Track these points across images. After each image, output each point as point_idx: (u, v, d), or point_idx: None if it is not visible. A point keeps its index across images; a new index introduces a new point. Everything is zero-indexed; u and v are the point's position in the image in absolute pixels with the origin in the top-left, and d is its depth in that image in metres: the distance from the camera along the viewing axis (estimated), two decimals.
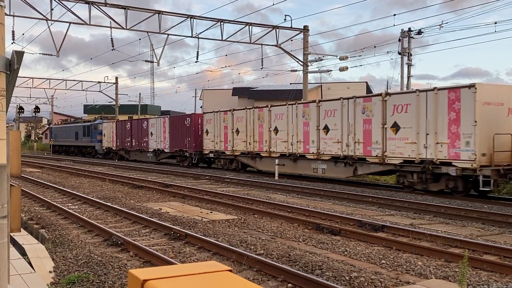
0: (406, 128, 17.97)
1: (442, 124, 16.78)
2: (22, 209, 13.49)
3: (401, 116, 18.19)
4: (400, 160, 18.27)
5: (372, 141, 19.39)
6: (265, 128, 25.37)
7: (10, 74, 3.86)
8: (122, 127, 42.17)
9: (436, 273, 7.30)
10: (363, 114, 19.83)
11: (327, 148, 21.62)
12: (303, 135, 22.95)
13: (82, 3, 24.31)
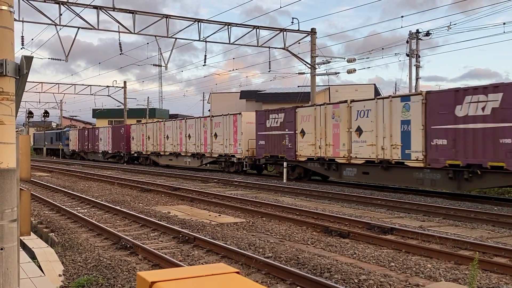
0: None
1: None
2: (32, 213, 13.58)
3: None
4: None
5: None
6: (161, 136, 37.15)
7: (19, 79, 3.90)
8: (82, 134, 53.29)
9: (445, 276, 7.26)
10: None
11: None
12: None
13: (90, 8, 24.47)
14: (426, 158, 17.33)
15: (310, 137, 22.71)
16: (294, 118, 23.58)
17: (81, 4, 24.29)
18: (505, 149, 14.69)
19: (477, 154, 15.50)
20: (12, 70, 3.73)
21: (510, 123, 14.58)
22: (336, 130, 21.32)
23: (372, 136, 19.57)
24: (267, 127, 25.37)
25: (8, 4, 3.71)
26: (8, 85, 3.74)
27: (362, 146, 20.02)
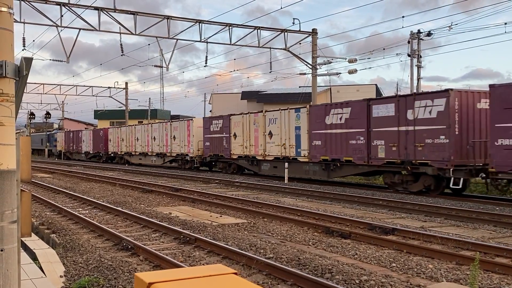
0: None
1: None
2: (33, 214, 13.59)
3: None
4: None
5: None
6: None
7: (19, 80, 3.90)
8: (67, 136, 58.05)
9: (447, 276, 7.25)
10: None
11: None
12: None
13: (91, 9, 24.51)
14: (309, 154, 23.02)
15: (240, 139, 27.94)
16: (229, 124, 28.79)
17: (82, 5, 24.33)
18: (352, 148, 20.61)
19: (337, 152, 21.38)
20: (11, 72, 3.74)
21: (355, 129, 20.51)
22: (256, 133, 26.65)
23: (278, 139, 25.06)
24: (211, 131, 30.68)
25: (7, 6, 3.72)
26: (7, 86, 3.75)
27: (272, 146, 25.51)
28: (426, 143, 17.44)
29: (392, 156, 18.68)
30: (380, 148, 19.27)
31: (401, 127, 18.38)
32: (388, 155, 18.87)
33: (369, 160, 19.72)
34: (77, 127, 70.61)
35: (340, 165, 21.20)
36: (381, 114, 19.28)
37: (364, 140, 19.94)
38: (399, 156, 18.41)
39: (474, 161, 16.73)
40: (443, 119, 16.82)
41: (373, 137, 19.59)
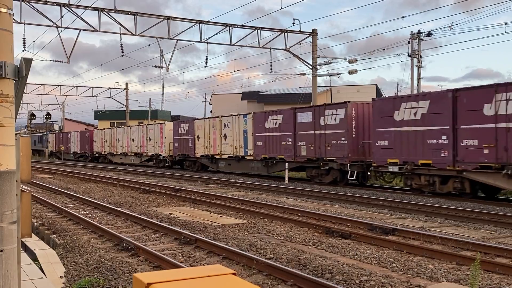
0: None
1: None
2: (34, 214, 13.59)
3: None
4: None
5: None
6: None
7: (18, 81, 3.90)
8: (58, 137, 62.52)
9: (447, 276, 7.24)
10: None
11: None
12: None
13: (92, 10, 24.52)
14: (254, 153, 27.06)
15: (202, 141, 31.96)
16: (193, 127, 32.86)
17: (82, 6, 24.34)
18: (284, 148, 24.82)
19: (274, 151, 25.58)
20: (11, 72, 3.74)
21: (286, 133, 24.69)
22: (214, 136, 30.63)
23: (231, 140, 29.03)
24: (179, 134, 34.80)
25: (7, 7, 3.72)
26: (7, 87, 3.75)
27: (227, 146, 29.46)
28: (333, 143, 21.90)
29: (311, 154, 23.19)
30: (302, 148, 23.79)
31: (316, 131, 22.85)
32: (308, 153, 23.37)
33: (295, 157, 24.01)
34: (78, 128, 70.67)
35: (276, 162, 25.56)
36: (303, 120, 23.69)
37: (292, 141, 24.30)
38: (315, 154, 22.91)
39: (365, 157, 21.04)
40: (343, 124, 21.33)
41: (298, 139, 24.00)
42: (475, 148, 15.89)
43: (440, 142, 16.99)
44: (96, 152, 50.11)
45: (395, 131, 18.64)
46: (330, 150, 21.88)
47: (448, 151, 16.71)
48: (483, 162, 15.60)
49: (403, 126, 18.32)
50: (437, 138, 17.14)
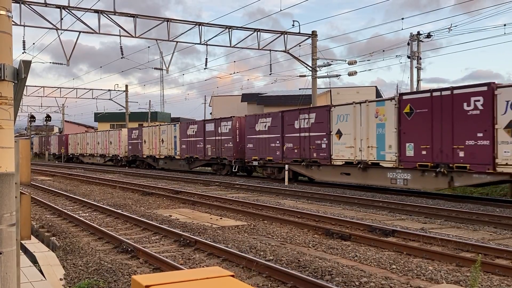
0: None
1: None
2: (34, 217, 13.59)
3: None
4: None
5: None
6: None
7: (17, 83, 3.91)
8: (40, 140, 69.91)
9: (447, 278, 7.24)
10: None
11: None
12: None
13: (91, 12, 24.54)
14: (180, 154, 34.27)
15: (147, 144, 38.70)
16: (142, 133, 39.71)
17: (82, 8, 24.36)
18: (198, 149, 31.85)
19: (193, 152, 32.50)
20: (10, 75, 3.74)
21: (199, 138, 31.84)
22: (155, 140, 37.50)
23: (167, 143, 36.05)
24: (131, 138, 41.91)
25: (6, 9, 3.72)
26: (6, 89, 3.75)
27: (164, 148, 36.57)
28: (226, 146, 29.15)
29: (213, 154, 30.40)
30: (209, 149, 30.96)
31: (216, 137, 30.07)
32: (212, 154, 30.66)
33: (205, 156, 31.42)
34: (78, 130, 70.79)
35: (194, 160, 32.83)
36: (209, 129, 30.91)
37: (202, 145, 31.64)
38: (216, 154, 30.10)
39: (244, 156, 27.92)
40: (230, 133, 28.81)
41: (206, 143, 31.52)
42: (291, 149, 24.03)
43: (276, 145, 25.03)
44: (70, 153, 57.33)
45: (256, 138, 26.56)
46: (224, 151, 29.31)
47: (279, 151, 24.79)
48: (295, 158, 23.77)
49: (260, 135, 26.22)
50: (274, 142, 25.17)
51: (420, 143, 17.41)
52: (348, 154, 20.64)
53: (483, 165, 15.27)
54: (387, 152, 18.82)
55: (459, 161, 16.07)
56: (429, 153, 17.08)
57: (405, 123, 18.02)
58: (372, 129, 19.43)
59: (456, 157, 16.18)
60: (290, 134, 24.04)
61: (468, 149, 15.78)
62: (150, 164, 39.49)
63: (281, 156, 24.55)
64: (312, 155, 22.63)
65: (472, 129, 15.62)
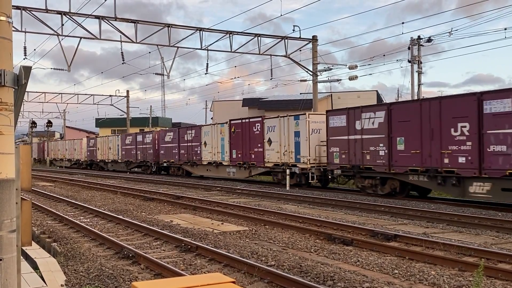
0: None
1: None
2: (35, 223, 13.57)
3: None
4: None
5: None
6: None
7: (18, 89, 3.90)
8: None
9: (450, 283, 7.20)
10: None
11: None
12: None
13: (92, 18, 24.59)
14: (121, 158, 43.30)
15: (100, 150, 48.06)
16: (96, 142, 49.77)
17: (83, 14, 24.42)
18: (133, 155, 42.11)
19: (131, 157, 42.10)
20: (10, 81, 3.74)
21: (174, 144, 35.28)
22: (105, 147, 47.08)
23: (113, 150, 44.64)
24: (89, 146, 51.24)
25: (6, 15, 3.72)
26: (6, 95, 3.75)
27: (110, 154, 45.56)
28: (149, 152, 38.22)
29: (140, 158, 39.97)
30: (140, 154, 40.60)
31: (143, 145, 39.47)
32: (142, 158, 40.06)
33: (136, 159, 40.55)
34: (79, 136, 70.82)
35: (130, 163, 41.22)
36: (127, 142, 41.76)
37: (134, 151, 41.18)
38: (143, 158, 39.70)
39: (159, 159, 37.35)
40: (151, 142, 38.23)
41: (137, 150, 41.02)
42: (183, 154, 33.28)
43: (174, 152, 35.31)
44: (45, 158, 67.79)
45: (165, 146, 35.87)
46: (148, 156, 38.83)
47: (178, 155, 35.02)
48: (185, 160, 32.79)
49: (168, 144, 35.75)
50: (175, 149, 35.10)
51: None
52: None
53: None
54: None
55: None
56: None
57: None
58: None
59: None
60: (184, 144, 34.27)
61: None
62: (102, 167, 48.74)
63: (178, 159, 34.73)
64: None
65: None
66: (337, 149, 21.32)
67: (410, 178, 18.09)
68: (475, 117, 15.57)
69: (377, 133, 19.33)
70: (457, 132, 16.24)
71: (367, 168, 19.84)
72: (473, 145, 15.68)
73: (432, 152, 16.99)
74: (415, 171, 17.70)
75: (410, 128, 17.91)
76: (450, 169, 16.42)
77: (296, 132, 23.92)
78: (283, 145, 24.60)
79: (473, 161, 15.61)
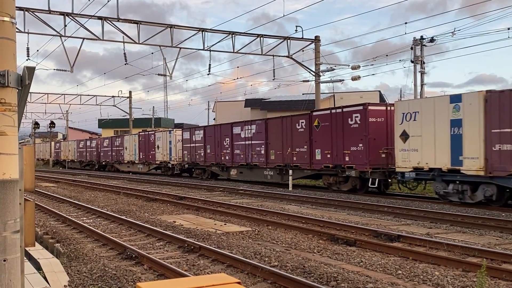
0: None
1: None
2: (38, 223, 13.58)
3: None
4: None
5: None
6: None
7: (21, 89, 3.90)
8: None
9: (453, 284, 7.18)
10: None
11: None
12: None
13: (95, 18, 24.62)
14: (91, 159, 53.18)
15: (66, 151, 57.79)
16: (60, 146, 60.10)
17: (86, 15, 24.44)
18: (106, 156, 50.48)
19: (108, 158, 48.74)
20: (14, 81, 3.73)
21: (93, 148, 50.37)
22: (70, 148, 57.17)
23: (86, 152, 53.91)
24: (55, 148, 62.55)
25: (10, 16, 3.72)
26: (10, 96, 3.74)
27: (80, 155, 54.93)
28: (125, 154, 44.85)
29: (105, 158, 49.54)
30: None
31: (114, 147, 46.69)
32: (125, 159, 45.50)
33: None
34: (82, 137, 70.97)
35: (106, 164, 48.39)
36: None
37: (112, 150, 47.98)
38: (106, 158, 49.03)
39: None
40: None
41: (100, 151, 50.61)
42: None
43: (110, 154, 47.00)
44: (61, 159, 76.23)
45: (106, 149, 45.11)
46: (105, 156, 48.61)
47: (122, 157, 44.62)
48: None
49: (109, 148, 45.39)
50: (113, 152, 46.46)
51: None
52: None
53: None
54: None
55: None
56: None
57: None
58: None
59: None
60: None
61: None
62: (74, 167, 55.34)
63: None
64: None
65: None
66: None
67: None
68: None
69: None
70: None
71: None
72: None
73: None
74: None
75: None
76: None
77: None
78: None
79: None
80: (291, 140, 24.30)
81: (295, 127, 24.06)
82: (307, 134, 23.20)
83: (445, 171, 16.58)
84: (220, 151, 30.33)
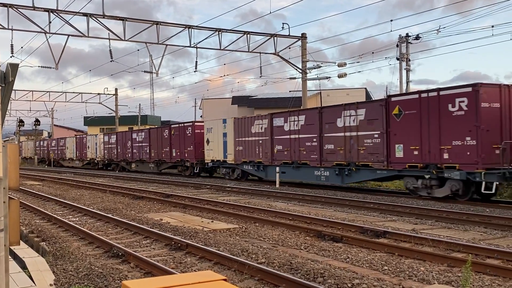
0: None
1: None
2: (23, 222, 13.45)
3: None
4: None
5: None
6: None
7: (4, 86, 3.86)
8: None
9: (439, 278, 7.25)
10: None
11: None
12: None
13: (80, 15, 24.41)
14: (77, 157, 52.81)
15: (26, 149, 69.06)
16: (48, 143, 62.77)
17: (70, 12, 24.23)
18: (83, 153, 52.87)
19: (84, 155, 51.97)
20: None
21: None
22: (32, 146, 69.07)
23: (71, 150, 54.72)
24: (42, 145, 66.16)
25: None
26: None
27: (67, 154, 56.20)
28: (119, 152, 44.28)
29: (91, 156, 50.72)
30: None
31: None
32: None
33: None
34: (67, 134, 70.36)
35: (90, 161, 50.22)
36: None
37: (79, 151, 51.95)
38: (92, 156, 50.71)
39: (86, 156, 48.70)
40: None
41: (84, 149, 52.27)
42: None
43: (91, 151, 49.03)
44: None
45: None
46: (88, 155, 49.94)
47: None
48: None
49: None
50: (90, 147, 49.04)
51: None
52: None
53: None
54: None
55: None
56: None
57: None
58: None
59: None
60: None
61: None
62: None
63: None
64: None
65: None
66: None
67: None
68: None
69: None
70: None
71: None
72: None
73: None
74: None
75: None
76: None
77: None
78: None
79: None
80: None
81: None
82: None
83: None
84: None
